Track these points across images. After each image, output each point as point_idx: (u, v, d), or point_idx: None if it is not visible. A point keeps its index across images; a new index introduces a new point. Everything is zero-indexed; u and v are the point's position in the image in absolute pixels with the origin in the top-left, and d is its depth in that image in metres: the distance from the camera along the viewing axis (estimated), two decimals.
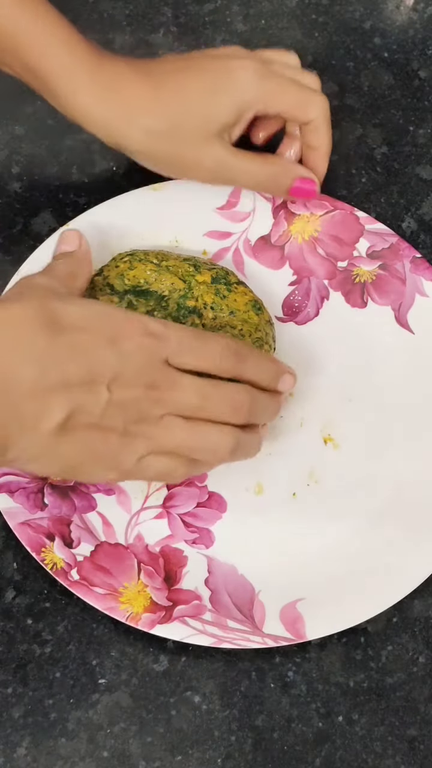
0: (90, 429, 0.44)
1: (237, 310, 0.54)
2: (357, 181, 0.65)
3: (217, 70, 0.55)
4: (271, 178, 0.57)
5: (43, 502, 0.52)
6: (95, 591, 0.50)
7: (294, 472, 0.55)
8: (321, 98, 0.57)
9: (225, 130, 0.56)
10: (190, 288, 0.54)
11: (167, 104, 0.54)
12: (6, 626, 0.51)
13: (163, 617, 0.50)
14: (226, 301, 0.54)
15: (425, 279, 0.59)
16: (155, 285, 0.54)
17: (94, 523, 0.52)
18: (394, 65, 0.69)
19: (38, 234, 0.61)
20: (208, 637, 0.49)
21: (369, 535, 0.53)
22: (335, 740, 0.50)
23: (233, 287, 0.55)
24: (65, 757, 0.49)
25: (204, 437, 0.47)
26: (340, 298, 0.59)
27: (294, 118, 0.57)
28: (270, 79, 0.55)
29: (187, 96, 0.54)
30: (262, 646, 0.49)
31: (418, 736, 0.50)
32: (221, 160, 0.56)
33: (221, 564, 0.52)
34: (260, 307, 0.55)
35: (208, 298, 0.54)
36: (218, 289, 0.54)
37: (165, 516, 0.53)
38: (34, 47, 0.53)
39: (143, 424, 0.46)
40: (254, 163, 0.57)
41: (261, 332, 0.54)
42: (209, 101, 0.54)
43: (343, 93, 0.68)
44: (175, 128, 0.54)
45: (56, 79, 0.53)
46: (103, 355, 0.44)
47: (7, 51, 0.53)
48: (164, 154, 0.56)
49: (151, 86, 0.54)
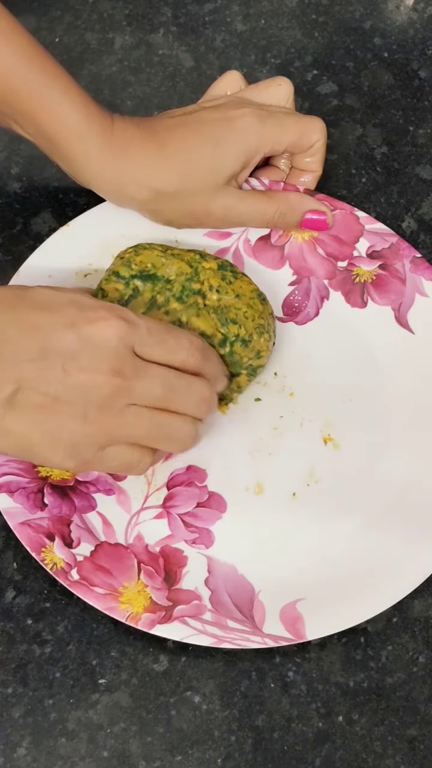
0: (41, 408, 0.44)
1: (243, 295, 0.54)
2: (357, 181, 0.65)
3: (218, 122, 0.55)
4: (280, 216, 0.58)
5: (43, 502, 0.52)
6: (95, 591, 0.50)
7: (294, 473, 0.55)
8: (319, 121, 0.58)
9: (232, 178, 0.56)
10: (197, 272, 0.54)
11: (173, 162, 0.54)
12: (6, 626, 0.51)
13: (163, 617, 0.50)
14: (233, 286, 0.54)
15: (425, 279, 0.59)
16: (162, 270, 0.54)
17: (94, 523, 0.52)
18: (394, 65, 0.69)
19: (38, 234, 0.61)
20: (208, 637, 0.49)
21: (369, 535, 0.53)
22: (335, 740, 0.50)
23: (239, 276, 0.55)
24: (65, 757, 0.49)
25: (170, 428, 0.47)
26: (340, 298, 0.59)
27: (300, 149, 0.58)
28: (269, 120, 0.56)
29: (192, 152, 0.55)
30: (262, 646, 0.49)
31: (418, 736, 0.50)
32: (230, 206, 0.56)
33: (221, 564, 0.52)
34: (264, 298, 0.55)
35: (214, 282, 0.54)
36: (224, 275, 0.54)
37: (165, 516, 0.53)
38: (44, 110, 0.53)
39: (106, 413, 0.45)
40: (261, 203, 0.57)
41: (264, 320, 0.54)
42: (215, 155, 0.55)
43: (343, 93, 0.68)
44: (184, 186, 0.55)
45: (68, 144, 0.54)
46: (61, 335, 0.44)
47: (20, 113, 0.54)
48: (174, 210, 0.56)
49: (156, 146, 0.54)
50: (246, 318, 0.53)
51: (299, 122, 0.57)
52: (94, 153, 0.54)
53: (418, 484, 0.54)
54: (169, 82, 0.68)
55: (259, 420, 0.56)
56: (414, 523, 0.53)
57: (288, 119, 0.57)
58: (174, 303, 0.53)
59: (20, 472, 0.52)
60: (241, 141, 0.55)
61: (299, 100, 0.67)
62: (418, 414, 0.56)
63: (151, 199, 0.55)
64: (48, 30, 0.69)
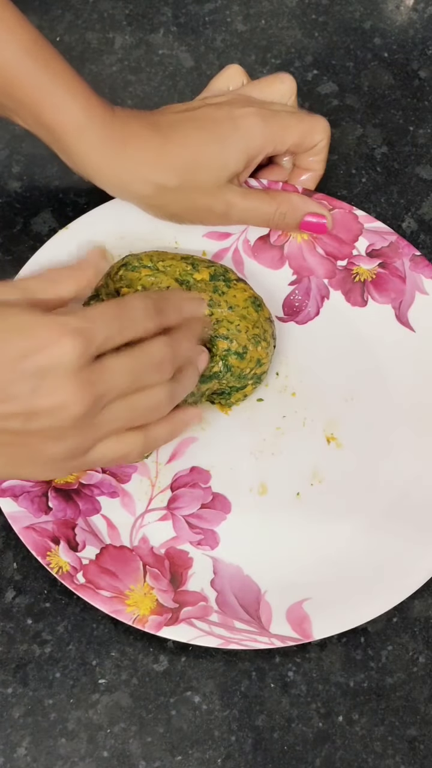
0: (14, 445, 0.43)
1: (236, 306, 0.54)
2: (357, 181, 0.65)
3: (222, 120, 0.55)
4: (281, 216, 0.58)
5: (48, 505, 0.52)
6: (101, 594, 0.50)
7: (297, 472, 0.55)
8: (322, 120, 0.58)
9: (234, 177, 0.56)
10: (189, 288, 0.54)
11: (176, 158, 0.54)
12: (6, 626, 0.51)
13: (169, 619, 0.50)
14: (225, 297, 0.54)
15: (425, 277, 0.59)
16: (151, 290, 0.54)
17: (98, 526, 0.52)
18: (394, 65, 0.69)
19: (38, 234, 0.61)
20: (215, 638, 0.49)
21: (374, 533, 0.53)
22: (335, 740, 0.49)
23: (232, 284, 0.55)
24: (65, 757, 0.49)
25: (147, 403, 0.46)
26: (340, 297, 0.59)
27: (304, 148, 0.58)
28: (273, 120, 0.56)
29: (195, 149, 0.54)
30: (269, 647, 0.49)
31: (418, 736, 0.50)
32: (231, 204, 0.56)
33: (227, 565, 0.52)
34: (260, 304, 0.55)
35: (205, 296, 0.54)
36: (216, 286, 0.54)
37: (169, 518, 0.53)
38: (46, 102, 0.53)
39: (82, 426, 0.43)
40: (263, 202, 0.57)
41: (259, 329, 0.54)
42: (218, 153, 0.55)
43: (343, 93, 0.68)
44: (186, 182, 0.55)
45: (68, 137, 0.53)
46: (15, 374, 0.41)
47: (21, 104, 0.53)
48: (175, 206, 0.56)
49: (159, 141, 0.54)
50: (239, 331, 0.53)
51: (302, 122, 0.57)
52: (95, 147, 0.53)
53: (421, 481, 0.54)
54: (169, 81, 0.68)
55: (262, 420, 0.56)
56: (419, 519, 0.53)
57: (291, 119, 0.57)
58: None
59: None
60: (244, 140, 0.55)
61: (300, 100, 0.67)
62: (419, 412, 0.56)
63: (153, 194, 0.55)
64: (49, 29, 0.69)
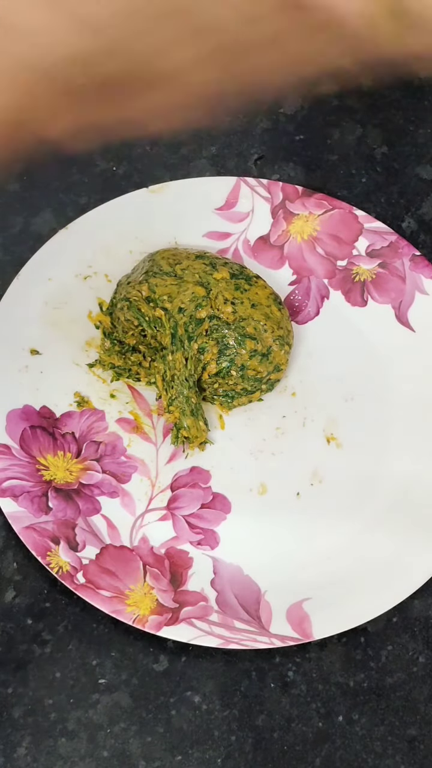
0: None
1: (259, 304, 0.54)
2: (357, 181, 0.65)
3: None
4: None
5: (48, 505, 0.52)
6: (101, 594, 0.50)
7: (297, 472, 0.55)
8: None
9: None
10: (208, 291, 0.54)
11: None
12: (6, 626, 0.51)
13: (169, 619, 0.50)
14: (247, 294, 0.54)
15: (425, 276, 0.59)
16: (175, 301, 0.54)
17: (98, 526, 0.52)
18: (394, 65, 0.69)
19: (38, 234, 0.61)
20: (215, 638, 0.49)
21: (374, 533, 0.53)
22: (335, 740, 0.49)
23: (252, 281, 0.55)
24: (65, 757, 0.49)
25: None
26: (340, 297, 0.59)
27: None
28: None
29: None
30: (269, 647, 0.49)
31: (418, 736, 0.50)
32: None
33: (227, 565, 0.52)
34: (281, 302, 0.55)
35: (228, 294, 0.54)
36: (238, 284, 0.54)
37: (169, 518, 0.53)
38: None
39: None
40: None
41: (283, 330, 0.54)
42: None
43: (343, 93, 0.68)
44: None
45: None
46: None
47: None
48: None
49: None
50: (265, 331, 0.53)
51: None
52: None
53: (421, 481, 0.54)
54: None
55: (262, 420, 0.56)
56: (419, 519, 0.53)
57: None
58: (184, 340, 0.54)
59: (24, 476, 0.52)
60: None
61: (300, 100, 0.67)
62: (419, 411, 0.56)
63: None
64: None
